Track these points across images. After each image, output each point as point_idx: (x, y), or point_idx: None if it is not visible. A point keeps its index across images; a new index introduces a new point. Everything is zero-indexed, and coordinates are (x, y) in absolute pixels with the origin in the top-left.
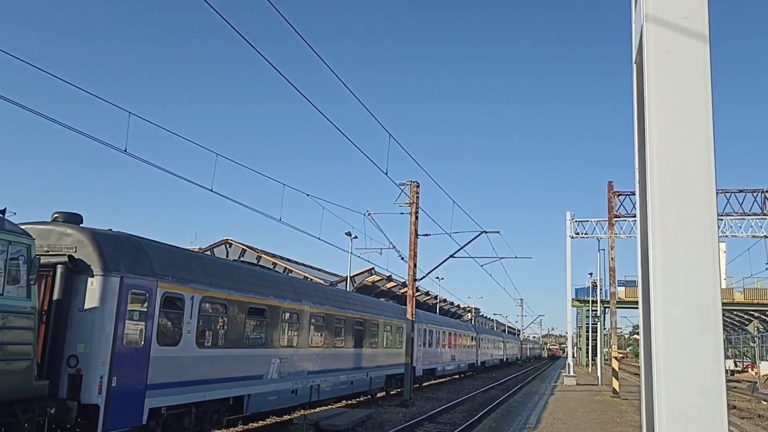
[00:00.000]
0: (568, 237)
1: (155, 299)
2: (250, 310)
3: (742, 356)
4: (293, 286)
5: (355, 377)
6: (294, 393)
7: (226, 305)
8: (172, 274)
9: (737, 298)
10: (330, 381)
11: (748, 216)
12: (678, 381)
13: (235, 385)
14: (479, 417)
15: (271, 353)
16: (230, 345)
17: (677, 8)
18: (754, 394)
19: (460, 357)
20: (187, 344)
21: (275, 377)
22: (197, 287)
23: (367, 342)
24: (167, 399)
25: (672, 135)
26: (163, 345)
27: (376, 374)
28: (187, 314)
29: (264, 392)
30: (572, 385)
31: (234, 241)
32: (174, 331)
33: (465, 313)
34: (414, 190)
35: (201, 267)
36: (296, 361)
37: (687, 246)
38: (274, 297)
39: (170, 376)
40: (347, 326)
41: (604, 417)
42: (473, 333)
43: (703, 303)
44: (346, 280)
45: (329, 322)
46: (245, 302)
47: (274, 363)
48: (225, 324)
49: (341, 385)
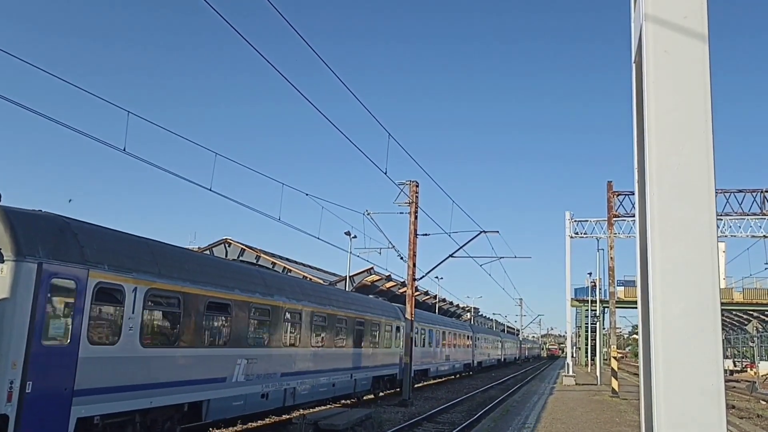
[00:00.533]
0: (567, 237)
1: (86, 290)
2: (211, 305)
3: (741, 356)
4: (264, 280)
5: (337, 379)
6: (264, 397)
7: (180, 299)
8: (109, 262)
9: (736, 298)
10: (308, 383)
11: (747, 216)
12: (677, 381)
13: (191, 389)
14: (478, 417)
15: (236, 353)
16: (185, 344)
17: (676, 8)
18: (753, 394)
19: (456, 357)
20: (128, 343)
21: (241, 380)
22: (142, 277)
23: (351, 341)
24: (102, 406)
25: (671, 135)
26: (97, 344)
27: (361, 375)
28: (129, 308)
29: (227, 397)
30: (571, 384)
31: (233, 241)
32: (111, 327)
33: (464, 312)
34: (413, 189)
35: (149, 255)
36: (268, 362)
37: (686, 246)
38: (241, 291)
39: (106, 379)
40: (329, 324)
41: (603, 417)
42: (469, 332)
43: (703, 303)
44: (345, 279)
45: (307, 319)
46: (204, 296)
47: (241, 364)
48: (179, 320)
49: (321, 388)
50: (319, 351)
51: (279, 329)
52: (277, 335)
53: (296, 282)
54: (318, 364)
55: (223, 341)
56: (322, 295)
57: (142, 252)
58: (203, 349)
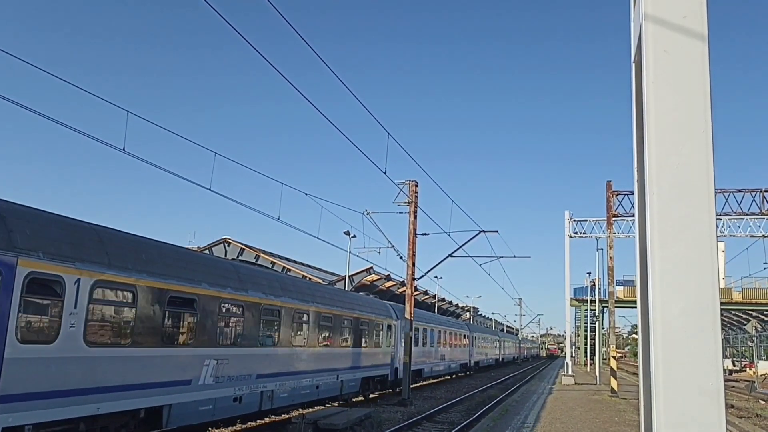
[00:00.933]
0: (566, 236)
1: (14, 281)
2: (173, 299)
3: (740, 356)
4: (238, 274)
5: (321, 380)
6: (237, 401)
7: (135, 292)
8: (44, 249)
9: (735, 297)
10: (288, 385)
11: (746, 216)
12: (676, 380)
13: (148, 393)
14: (477, 416)
15: (203, 353)
16: (141, 343)
17: (676, 7)
18: (752, 394)
19: (451, 356)
20: (69, 342)
21: (210, 382)
22: (87, 268)
23: (338, 340)
24: (35, 414)
25: (671, 134)
26: (28, 342)
27: (348, 377)
28: (70, 302)
29: (192, 401)
30: (570, 384)
31: (232, 240)
32: (48, 324)
33: (463, 312)
34: (413, 189)
35: (96, 242)
36: (242, 362)
37: (686, 245)
38: (210, 285)
39: (40, 383)
40: (312, 322)
41: (602, 416)
42: (466, 331)
43: (702, 302)
44: (344, 279)
45: (288, 317)
46: (164, 289)
47: (209, 365)
48: (134, 316)
49: (303, 390)
50: (301, 350)
51: (255, 327)
52: (253, 334)
53: (275, 277)
54: (300, 364)
55: (188, 340)
56: (304, 291)
57: (87, 239)
58: (163, 348)
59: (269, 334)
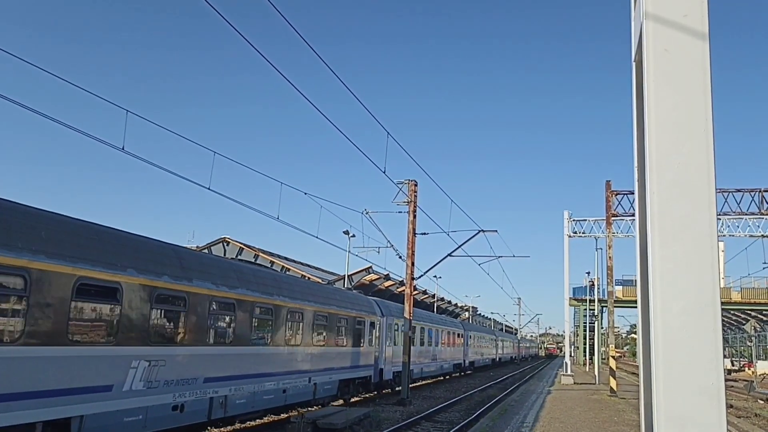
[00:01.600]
0: (565, 236)
1: None
2: (85, 288)
3: (739, 355)
4: (180, 260)
5: (290, 384)
6: (178, 409)
7: (28, 278)
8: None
9: (734, 297)
10: (246, 390)
11: (745, 215)
12: (677, 380)
13: (47, 402)
14: (477, 416)
15: (129, 353)
16: (37, 342)
17: (677, 6)
18: (750, 393)
19: (444, 356)
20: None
21: (139, 388)
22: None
23: (310, 338)
24: None
25: (671, 133)
26: None
27: (324, 379)
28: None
29: (113, 411)
30: (569, 384)
31: (232, 240)
32: None
33: (462, 311)
34: (412, 188)
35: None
36: (183, 363)
37: (686, 245)
38: (138, 272)
39: None
40: (277, 318)
41: (601, 416)
42: (460, 330)
43: (702, 302)
44: (344, 278)
45: (245, 311)
46: (70, 275)
47: (137, 367)
48: (26, 308)
49: (266, 395)
50: (264, 350)
51: (202, 323)
52: (200, 330)
53: (230, 266)
54: (262, 365)
55: (108, 337)
56: (268, 283)
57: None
58: (70, 347)
59: (222, 332)
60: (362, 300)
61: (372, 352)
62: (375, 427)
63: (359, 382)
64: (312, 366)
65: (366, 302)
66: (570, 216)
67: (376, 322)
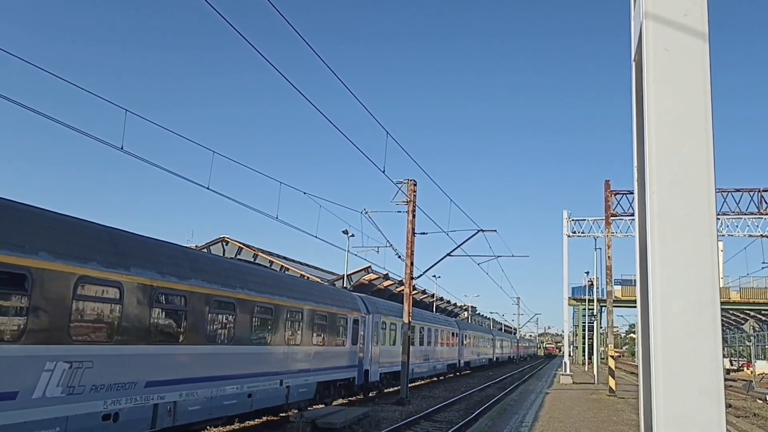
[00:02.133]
0: (564, 236)
1: None
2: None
3: (737, 355)
4: (115, 245)
5: (256, 387)
6: (111, 418)
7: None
8: None
9: (733, 297)
10: (201, 395)
11: (744, 215)
12: (676, 379)
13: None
14: (475, 415)
15: (41, 353)
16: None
17: (677, 6)
18: (749, 393)
19: (437, 356)
20: None
21: (56, 394)
22: None
23: (281, 337)
24: None
25: (671, 133)
26: None
27: (298, 381)
28: None
29: (18, 423)
30: (569, 383)
31: (231, 239)
32: None
33: (461, 311)
34: (411, 188)
35: None
36: (118, 365)
37: (686, 244)
38: (54, 257)
39: None
40: (241, 314)
41: (600, 416)
42: (455, 328)
43: (702, 301)
44: (343, 278)
45: (199, 305)
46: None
47: (53, 370)
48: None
49: (227, 401)
50: (224, 350)
51: (143, 318)
52: (140, 327)
53: (183, 254)
54: (221, 367)
55: (10, 336)
56: (229, 274)
57: None
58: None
59: (170, 329)
60: (344, 296)
61: (355, 352)
62: (374, 426)
63: (341, 384)
64: (284, 367)
65: (349, 298)
66: (569, 216)
67: (361, 320)
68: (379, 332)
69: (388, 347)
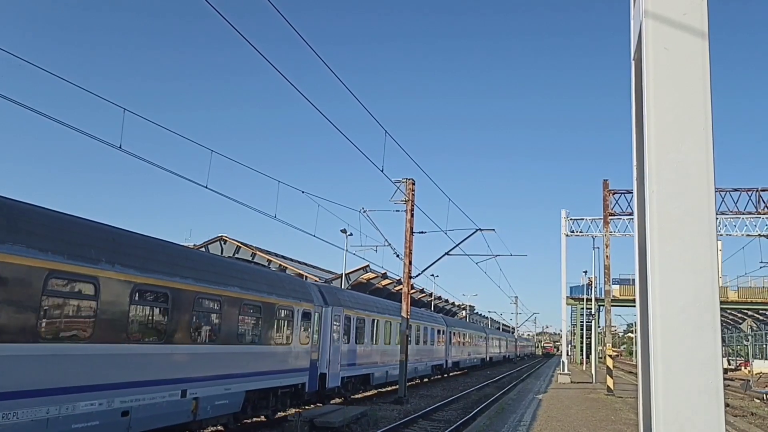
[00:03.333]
0: (563, 235)
1: None
2: None
3: (735, 355)
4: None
5: (137, 401)
6: None
7: None
8: None
9: (731, 296)
10: (24, 418)
11: (742, 215)
12: (675, 379)
13: None
14: (473, 414)
15: None
16: None
17: (677, 5)
18: (747, 392)
19: (420, 357)
20: None
21: None
22: None
23: (183, 333)
24: None
25: (670, 132)
26: None
27: (213, 390)
28: None
29: None
30: (567, 383)
31: (229, 238)
32: None
33: (459, 310)
34: (409, 187)
35: None
36: None
37: (685, 243)
38: None
39: None
40: (107, 299)
41: (598, 415)
42: (441, 326)
43: (701, 301)
44: (341, 277)
45: (54, 287)
46: None
47: None
48: None
49: (78, 423)
50: (72, 349)
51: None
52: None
53: (43, 215)
54: (72, 374)
55: None
56: (88, 241)
57: None
58: None
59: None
60: (291, 283)
61: (307, 352)
62: (372, 425)
63: (284, 392)
64: (190, 372)
65: (299, 286)
66: (567, 215)
67: (314, 313)
68: (342, 329)
69: (355, 347)
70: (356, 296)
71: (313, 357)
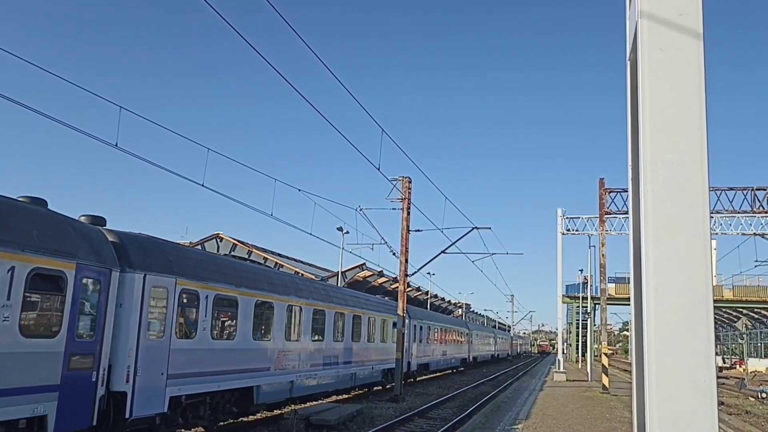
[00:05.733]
0: (559, 233)
1: None
2: None
3: (730, 353)
4: None
5: (362, 372)
6: None
7: None
8: None
9: (726, 295)
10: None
11: (737, 214)
12: (669, 377)
13: None
14: (469, 412)
15: None
16: None
17: (672, 5)
18: (741, 391)
19: (359, 358)
20: None
21: None
22: None
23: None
24: None
25: (666, 132)
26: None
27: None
28: None
29: None
30: (562, 381)
31: (225, 236)
32: None
33: (456, 308)
34: (406, 185)
35: None
36: None
37: (679, 242)
38: None
39: None
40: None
41: (593, 413)
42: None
43: (695, 299)
44: (337, 275)
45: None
46: None
47: None
48: None
49: None
50: None
51: None
52: None
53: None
54: None
55: None
56: (305, 287)
57: None
58: None
59: None
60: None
61: None
62: (368, 423)
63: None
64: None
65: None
66: (563, 213)
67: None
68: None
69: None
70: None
71: None
